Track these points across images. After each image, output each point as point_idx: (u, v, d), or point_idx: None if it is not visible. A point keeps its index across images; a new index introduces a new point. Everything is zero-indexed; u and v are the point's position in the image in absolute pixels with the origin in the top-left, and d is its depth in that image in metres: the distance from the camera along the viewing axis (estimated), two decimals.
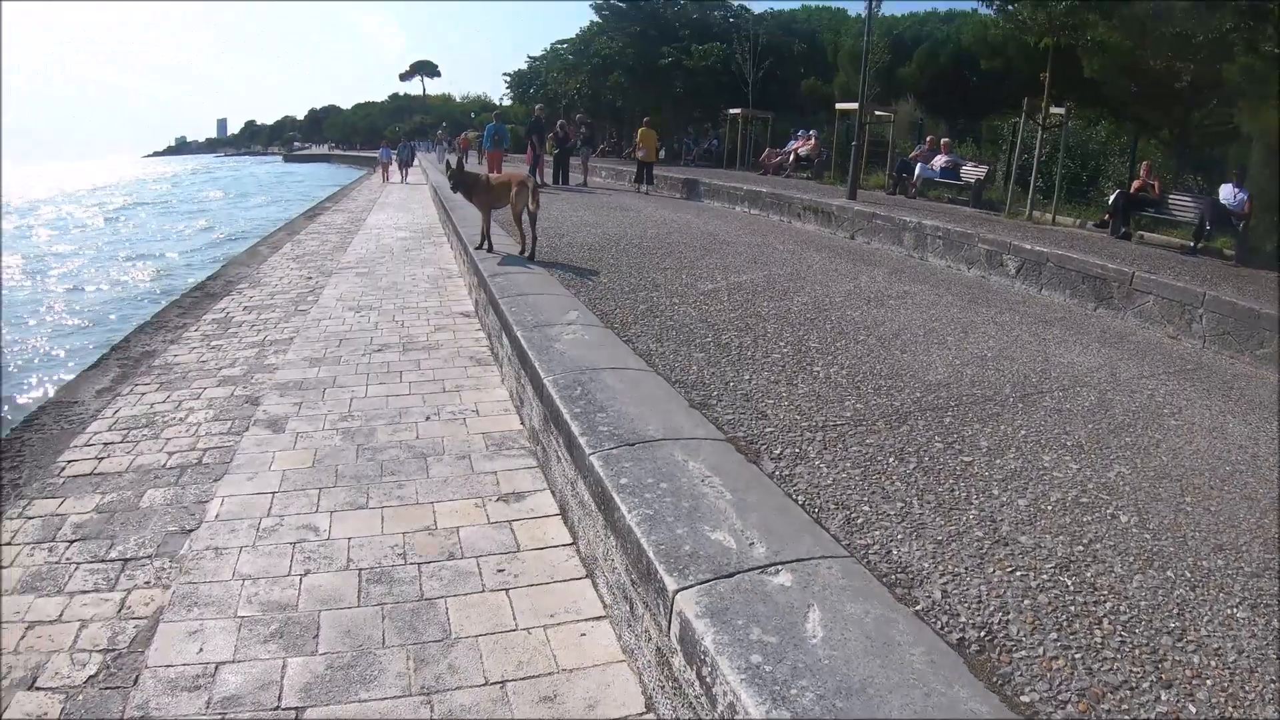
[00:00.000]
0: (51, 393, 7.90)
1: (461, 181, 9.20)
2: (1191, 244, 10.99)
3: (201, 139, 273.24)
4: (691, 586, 2.42)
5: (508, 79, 56.35)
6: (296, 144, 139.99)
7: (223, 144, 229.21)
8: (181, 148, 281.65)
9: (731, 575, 2.48)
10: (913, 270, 10.14)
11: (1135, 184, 12.82)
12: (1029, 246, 9.56)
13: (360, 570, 3.65)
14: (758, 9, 35.79)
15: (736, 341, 5.67)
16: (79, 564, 3.76)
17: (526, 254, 8.80)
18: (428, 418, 5.53)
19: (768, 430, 4.03)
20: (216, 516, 4.20)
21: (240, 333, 8.06)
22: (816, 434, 4.04)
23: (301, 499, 4.39)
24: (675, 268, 8.67)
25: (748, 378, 4.84)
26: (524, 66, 54.10)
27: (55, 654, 3.07)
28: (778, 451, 3.77)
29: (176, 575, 3.64)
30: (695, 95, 34.48)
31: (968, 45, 27.82)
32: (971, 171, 17.32)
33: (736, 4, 37.33)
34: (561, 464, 3.95)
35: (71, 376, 7.77)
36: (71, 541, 3.97)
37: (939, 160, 17.89)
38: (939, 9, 33.90)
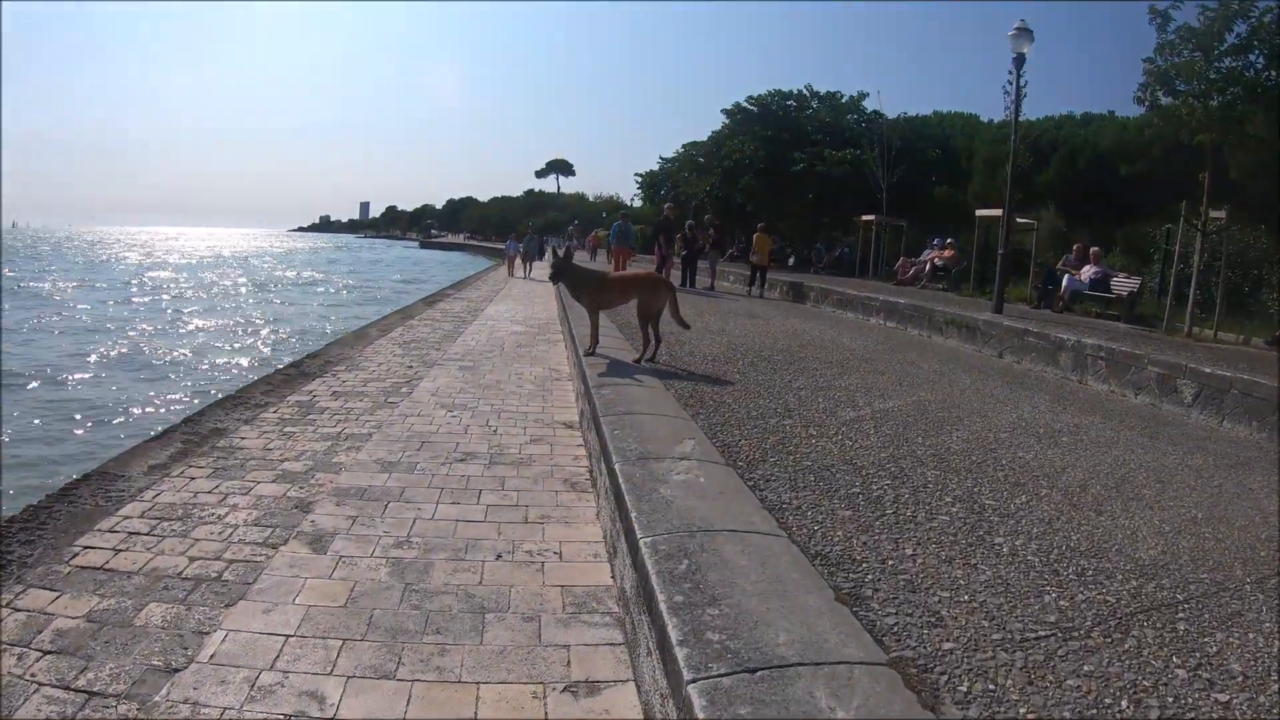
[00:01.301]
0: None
1: (564, 273, 8.15)
2: None
3: (344, 219, 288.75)
4: None
5: (639, 179, 56.96)
6: (433, 231, 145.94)
7: (363, 225, 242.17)
8: (325, 225, 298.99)
9: None
10: (1074, 396, 8.72)
11: None
12: (1208, 370, 8.09)
13: None
14: (889, 114, 34.73)
15: (891, 494, 4.43)
16: (40, 685, 3.13)
17: (647, 358, 7.83)
18: (499, 556, 4.47)
19: (946, 646, 2.78)
20: (211, 658, 3.36)
21: (319, 421, 7.29)
22: (1015, 654, 2.77)
23: (317, 651, 3.43)
24: (810, 388, 7.49)
25: (910, 551, 3.59)
26: (655, 167, 54.59)
27: None
28: (964, 689, 2.52)
29: None
30: (826, 201, 33.45)
31: (1107, 149, 26.36)
32: (1123, 283, 15.88)
33: (870, 109, 36.52)
34: (651, 661, 2.80)
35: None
36: (45, 653, 3.36)
37: (1088, 271, 16.48)
38: (1074, 113, 32.50)
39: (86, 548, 4.42)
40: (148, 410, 12.81)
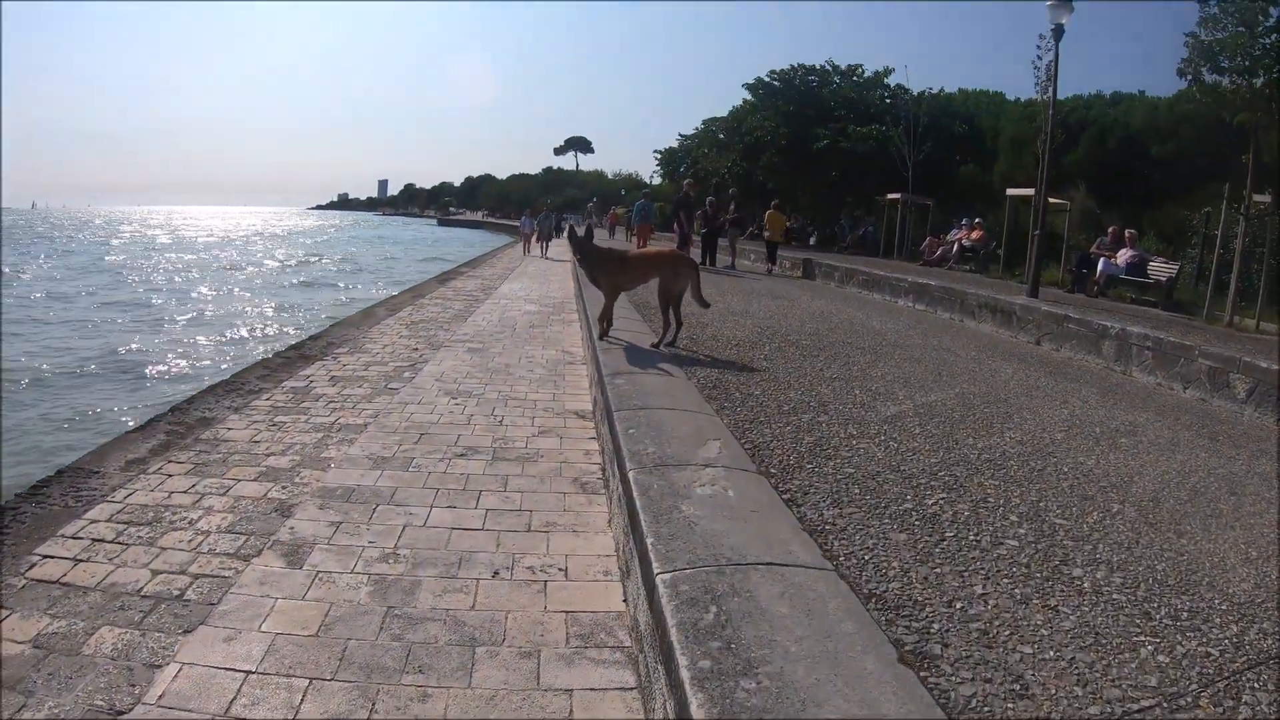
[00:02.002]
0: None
1: (586, 255, 7.55)
2: None
3: (363, 197, 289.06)
4: None
5: (658, 156, 56.00)
6: (452, 209, 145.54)
7: (382, 203, 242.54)
8: (344, 204, 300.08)
9: None
10: (1121, 390, 8.06)
11: None
12: (1264, 365, 7.39)
13: None
14: (914, 90, 33.55)
15: (949, 511, 3.83)
16: None
17: (666, 342, 7.29)
18: (495, 573, 3.92)
19: None
20: (159, 698, 2.89)
21: (313, 409, 6.77)
22: None
23: (279, 693, 2.93)
24: (844, 378, 6.88)
25: (979, 589, 3.00)
26: (675, 144, 53.66)
27: None
28: None
29: None
30: (850, 178, 32.46)
31: (1138, 129, 25.45)
32: (1160, 268, 15.12)
33: (894, 84, 35.47)
34: None
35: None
36: None
37: (1124, 255, 15.72)
38: (1104, 93, 31.55)
39: (46, 557, 3.97)
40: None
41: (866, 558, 3.20)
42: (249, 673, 3.04)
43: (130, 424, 8.21)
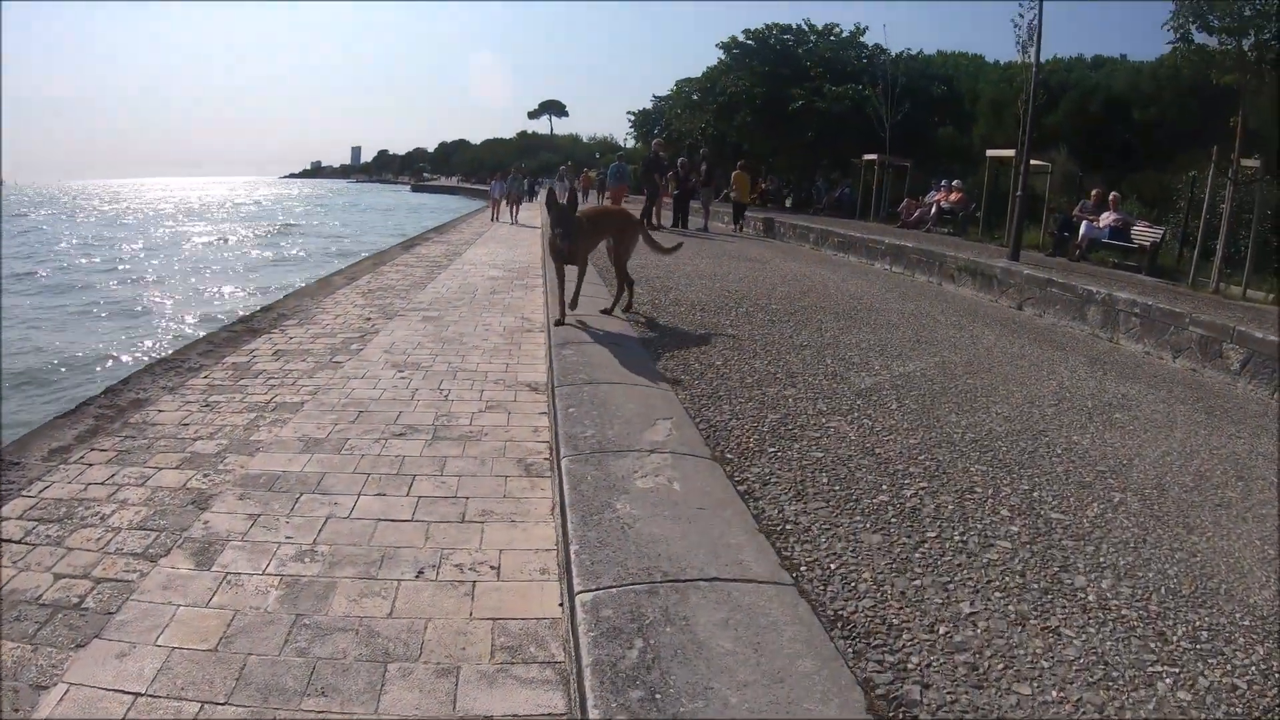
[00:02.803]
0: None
1: (568, 228, 6.47)
2: None
3: (336, 164, 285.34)
4: None
5: (631, 118, 55.28)
6: (426, 175, 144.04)
7: (355, 170, 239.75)
8: (316, 171, 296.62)
9: None
10: (1109, 358, 7.71)
11: None
12: (1259, 335, 7.03)
13: None
14: (892, 50, 33.13)
15: (930, 504, 3.42)
16: None
17: (623, 308, 6.87)
18: (420, 573, 3.49)
19: None
20: None
21: (250, 387, 6.30)
22: None
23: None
24: (815, 345, 6.47)
25: (967, 607, 2.59)
26: (649, 106, 52.97)
27: None
28: None
29: None
30: (825, 139, 31.89)
31: (1120, 93, 25.14)
32: (1145, 233, 14.74)
33: (872, 44, 34.92)
34: None
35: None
36: None
37: (1107, 218, 15.34)
38: (1084, 56, 31.20)
39: None
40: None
41: (833, 567, 2.79)
42: (138, 695, 2.66)
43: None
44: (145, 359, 10.50)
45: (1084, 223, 15.54)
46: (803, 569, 2.73)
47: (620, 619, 2.05)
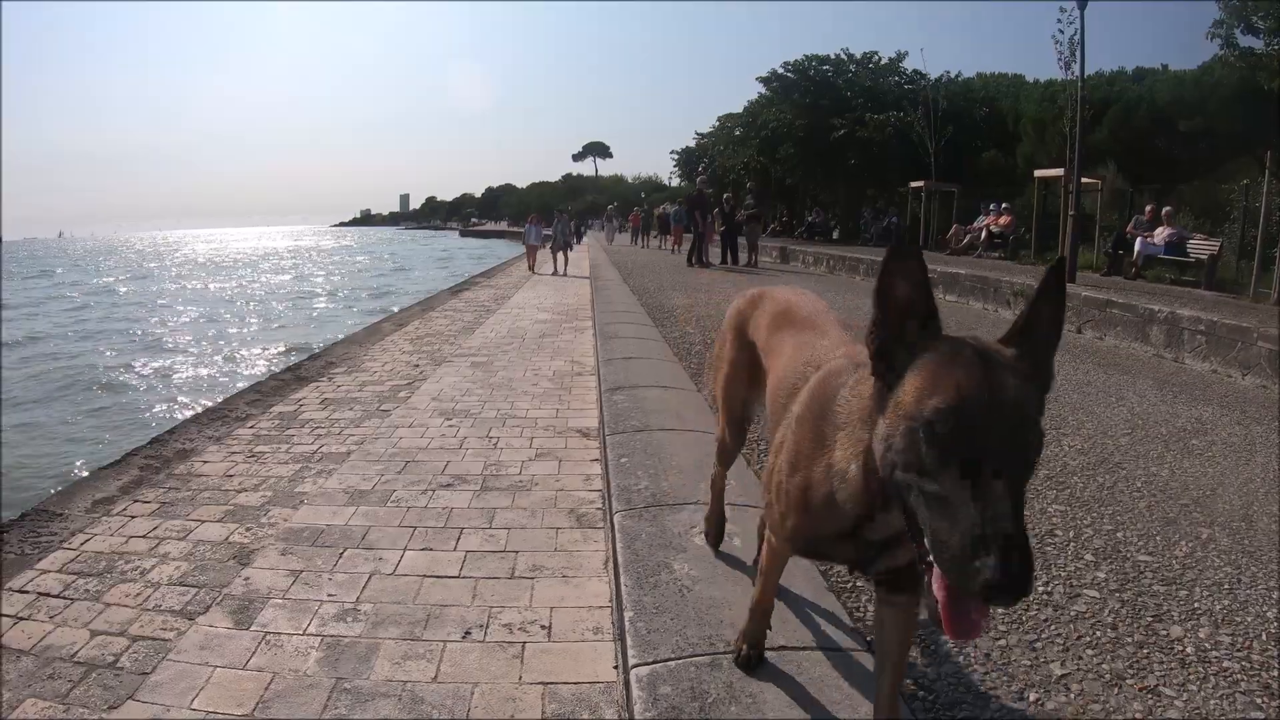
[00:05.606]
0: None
1: None
2: None
3: (385, 212, 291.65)
4: None
5: (675, 157, 55.81)
6: (473, 220, 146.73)
7: (404, 217, 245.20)
8: (366, 219, 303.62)
9: None
10: (1176, 380, 7.46)
11: None
12: None
13: None
14: (932, 74, 33.01)
15: None
16: None
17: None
18: (467, 633, 3.32)
19: None
20: None
21: (296, 437, 6.25)
22: None
23: None
24: None
25: (1058, 668, 2.38)
26: (691, 144, 53.48)
27: None
28: None
29: None
30: (869, 168, 31.84)
31: (1164, 104, 24.62)
32: (1201, 246, 14.42)
33: (911, 69, 34.90)
34: None
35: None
36: None
37: (1161, 234, 15.03)
38: (1126, 69, 30.68)
39: None
40: None
41: None
42: None
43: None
44: None
45: (1139, 239, 15.27)
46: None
47: (679, 697, 1.87)
